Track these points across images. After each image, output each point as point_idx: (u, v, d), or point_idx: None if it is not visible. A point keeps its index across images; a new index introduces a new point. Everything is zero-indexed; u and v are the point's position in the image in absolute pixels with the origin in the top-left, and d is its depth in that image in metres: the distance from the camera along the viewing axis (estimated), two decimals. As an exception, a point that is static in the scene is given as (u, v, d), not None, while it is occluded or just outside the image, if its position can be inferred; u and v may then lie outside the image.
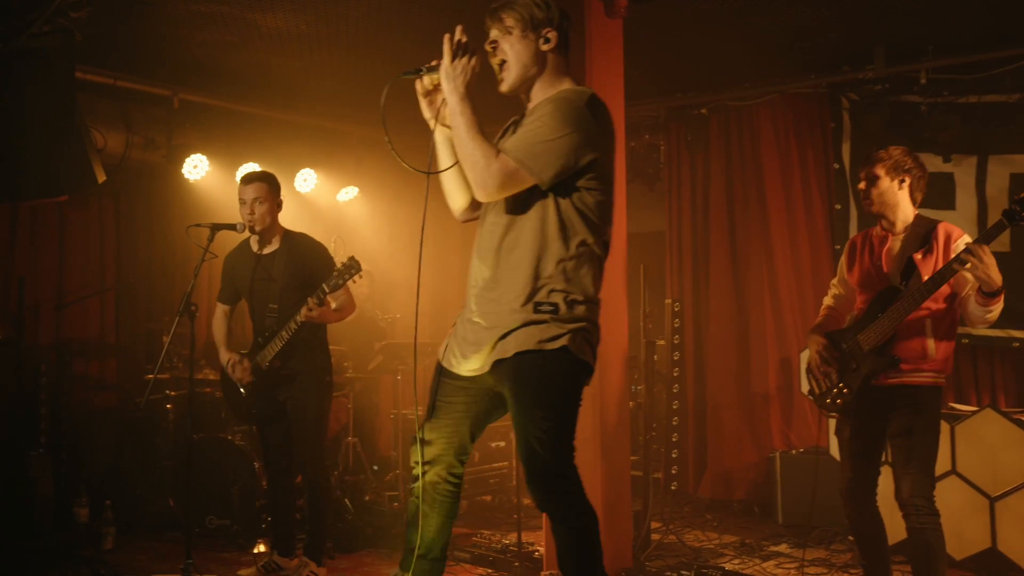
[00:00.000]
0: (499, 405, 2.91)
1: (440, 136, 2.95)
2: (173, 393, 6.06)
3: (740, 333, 6.45)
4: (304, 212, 7.16)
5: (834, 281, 4.10)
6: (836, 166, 6.17)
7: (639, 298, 5.09)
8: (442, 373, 2.95)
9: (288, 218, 6.48)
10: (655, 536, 5.16)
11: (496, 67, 2.88)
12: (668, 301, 5.10)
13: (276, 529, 4.83)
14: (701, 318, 6.66)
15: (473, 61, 2.75)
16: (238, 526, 5.44)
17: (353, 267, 4.31)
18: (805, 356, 5.54)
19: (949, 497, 4.62)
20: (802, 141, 6.33)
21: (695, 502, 6.35)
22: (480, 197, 2.75)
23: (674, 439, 5.07)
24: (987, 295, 3.46)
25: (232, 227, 4.54)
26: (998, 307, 3.51)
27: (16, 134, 4.89)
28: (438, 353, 3.02)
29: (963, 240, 3.64)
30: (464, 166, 2.73)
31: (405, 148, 2.94)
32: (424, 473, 2.94)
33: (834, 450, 5.20)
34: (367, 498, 5.81)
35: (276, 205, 4.62)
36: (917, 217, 3.79)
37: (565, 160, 2.68)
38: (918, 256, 3.69)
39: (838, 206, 6.14)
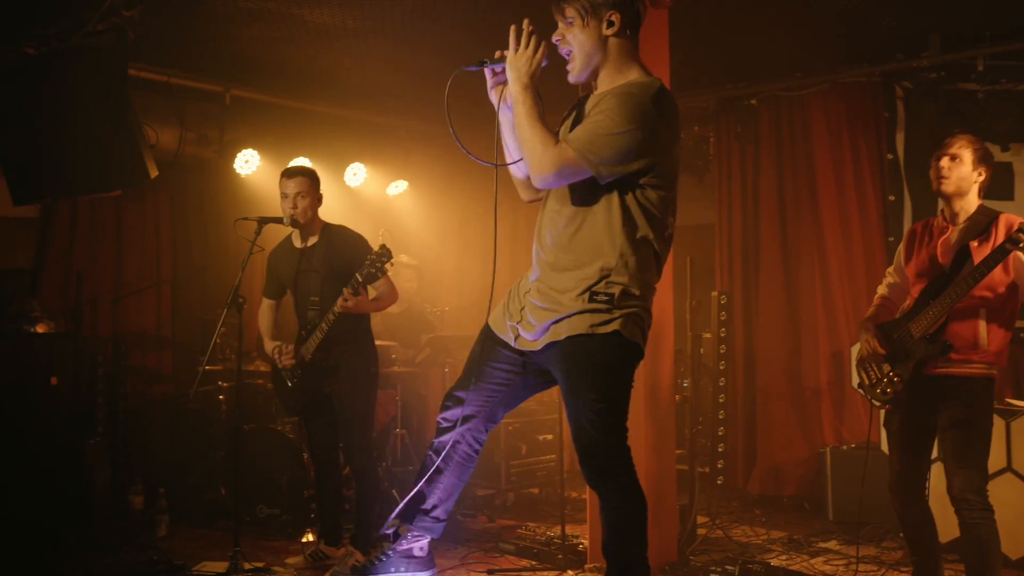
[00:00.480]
0: (540, 385, 2.98)
1: (504, 119, 2.95)
2: (225, 384, 6.16)
3: (791, 326, 6.36)
4: (354, 206, 7.23)
5: (890, 270, 4.04)
6: (890, 156, 6.05)
7: (686, 291, 5.04)
8: (492, 339, 2.96)
9: (338, 212, 6.56)
10: (701, 531, 5.12)
11: (567, 58, 2.89)
12: (715, 294, 5.05)
13: (323, 519, 4.90)
14: (751, 311, 6.58)
15: (539, 53, 2.76)
16: (287, 515, 5.51)
17: (384, 255, 4.33)
18: (856, 349, 5.47)
19: (1005, 495, 4.51)
20: (855, 131, 6.21)
21: (744, 497, 6.28)
22: (536, 183, 2.78)
23: (720, 433, 5.02)
24: None
25: (279, 220, 4.60)
26: None
27: (71, 131, 5.02)
28: (489, 318, 3.04)
29: None
30: (523, 152, 2.77)
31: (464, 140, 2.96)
32: (450, 429, 2.96)
33: (885, 445, 5.13)
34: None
35: (317, 199, 4.68)
36: (979, 208, 3.72)
37: (624, 156, 2.68)
38: (974, 244, 3.62)
39: (892, 197, 6.02)
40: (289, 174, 4.68)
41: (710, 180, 6.90)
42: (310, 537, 5.19)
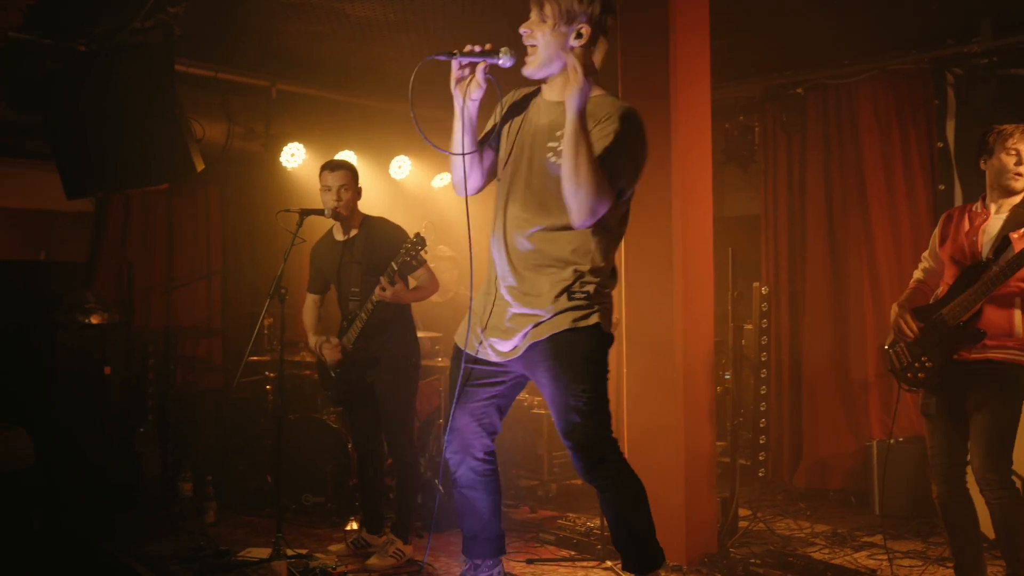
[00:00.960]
0: (521, 387, 3.06)
1: (463, 112, 2.96)
2: (272, 375, 6.26)
3: (838, 318, 6.27)
4: (399, 199, 7.29)
5: (925, 254, 4.02)
6: (940, 145, 5.93)
7: (727, 282, 5.00)
8: (466, 359, 2.98)
9: (383, 205, 6.63)
10: (743, 523, 5.08)
11: (527, 47, 2.90)
12: (756, 284, 5.00)
13: (365, 507, 4.96)
14: (797, 303, 6.50)
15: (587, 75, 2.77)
16: (332, 504, 5.59)
17: (419, 243, 4.37)
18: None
19: None
20: (904, 119, 6.09)
21: (789, 491, 6.21)
22: (580, 223, 2.77)
23: (762, 425, 4.97)
24: None
25: (320, 212, 4.66)
26: None
27: (120, 127, 5.14)
28: (455, 339, 3.08)
29: None
30: (576, 194, 2.71)
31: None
32: (460, 464, 2.98)
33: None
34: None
35: (357, 192, 4.74)
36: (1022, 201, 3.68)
37: (636, 180, 2.85)
38: (1015, 235, 3.60)
39: (942, 187, 5.90)
40: (332, 167, 4.74)
41: (755, 170, 6.82)
42: (353, 525, 5.25)
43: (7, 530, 5.24)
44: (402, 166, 7.23)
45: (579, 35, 2.82)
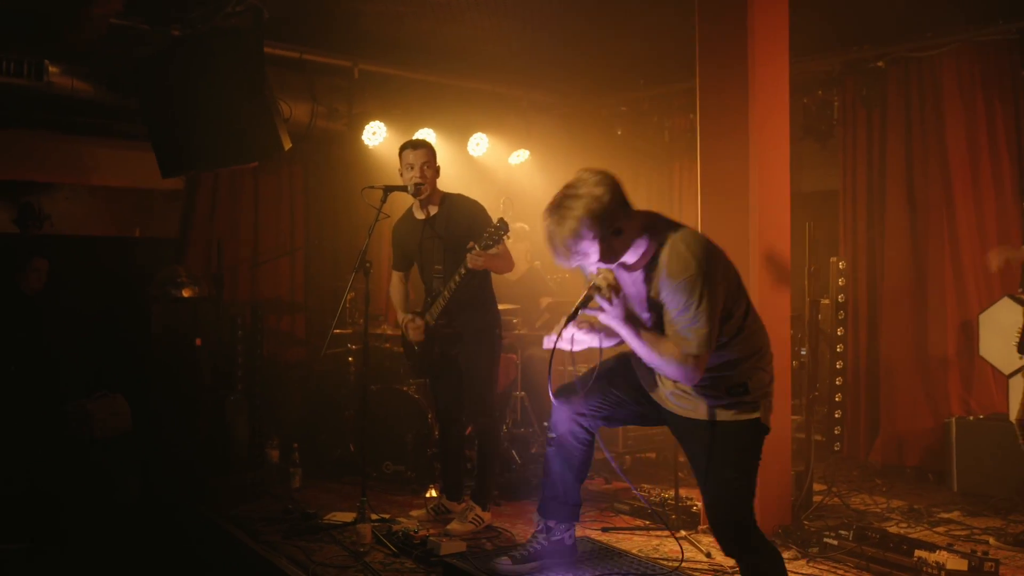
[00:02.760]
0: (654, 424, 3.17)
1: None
2: (354, 347, 6.46)
3: (917, 294, 6.20)
4: (476, 175, 7.42)
5: None
6: (1027, 119, 5.81)
7: (804, 256, 5.01)
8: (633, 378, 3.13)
9: (460, 181, 6.75)
10: (817, 498, 5.10)
11: None
12: (834, 259, 4.99)
13: (445, 475, 5.12)
14: (876, 279, 6.44)
15: (620, 299, 2.87)
16: (412, 472, 5.77)
17: (502, 228, 4.45)
18: (984, 317, 5.33)
19: None
20: (989, 93, 5.97)
21: (866, 467, 6.19)
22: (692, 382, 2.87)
23: (837, 399, 4.98)
24: None
25: (404, 188, 4.80)
26: None
27: (212, 108, 5.35)
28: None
29: None
30: (666, 374, 2.88)
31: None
32: (566, 422, 3.08)
33: (1013, 416, 4.99)
34: (533, 450, 6.01)
35: (437, 170, 4.84)
36: None
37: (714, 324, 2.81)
38: None
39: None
40: (413, 146, 4.85)
41: (833, 146, 6.75)
42: (433, 493, 5.41)
43: (108, 494, 5.55)
44: (480, 143, 7.35)
45: (618, 231, 2.88)
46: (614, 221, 2.80)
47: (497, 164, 7.60)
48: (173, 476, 5.81)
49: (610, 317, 2.84)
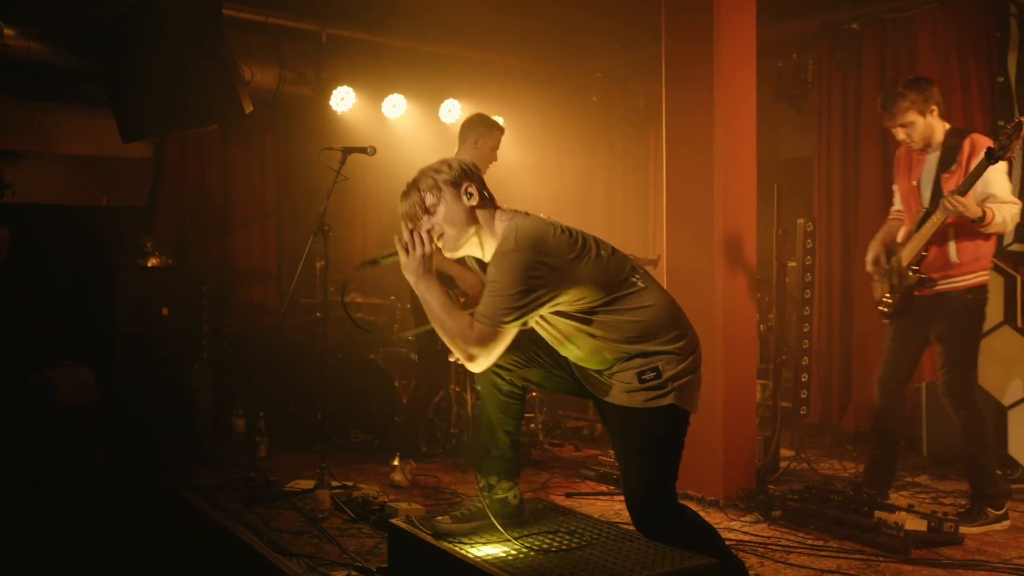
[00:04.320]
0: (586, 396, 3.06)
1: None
2: (320, 315, 6.36)
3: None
4: (447, 143, 7.29)
5: (894, 186, 4.50)
6: (1000, 79, 5.71)
7: (772, 219, 4.94)
8: None
9: (432, 149, 6.67)
10: (785, 463, 5.06)
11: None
12: (800, 221, 4.92)
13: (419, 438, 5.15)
14: (850, 245, 6.37)
15: (425, 248, 2.79)
16: (379, 440, 5.71)
17: None
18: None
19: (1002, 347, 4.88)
20: (963, 54, 5.87)
21: (837, 433, 6.14)
22: (470, 368, 2.79)
23: (804, 363, 4.92)
24: (974, 222, 3.90)
25: (363, 150, 4.72)
26: (992, 227, 3.94)
27: (170, 70, 5.25)
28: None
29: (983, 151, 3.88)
30: (448, 343, 2.78)
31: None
32: (489, 374, 3.01)
33: (983, 380, 4.97)
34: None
35: None
36: (948, 133, 4.14)
37: (524, 308, 2.68)
38: (945, 175, 4.07)
39: (1001, 122, 5.69)
40: (499, 128, 5.10)
41: (808, 109, 6.66)
42: (396, 462, 5.35)
43: (72, 462, 5.48)
44: (452, 110, 7.24)
45: (469, 194, 2.84)
46: (463, 183, 2.82)
47: (470, 131, 7.49)
48: (137, 446, 5.75)
49: (406, 269, 2.79)
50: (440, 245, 2.87)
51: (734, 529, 4.11)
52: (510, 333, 2.73)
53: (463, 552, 2.76)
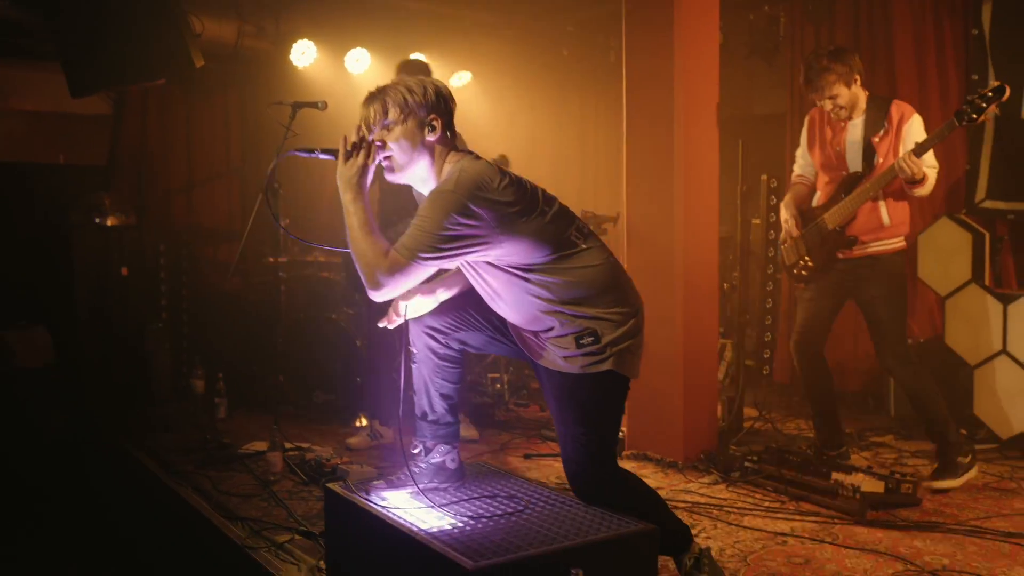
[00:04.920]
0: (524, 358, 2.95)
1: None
2: (285, 275, 6.26)
3: (862, 218, 6.03)
4: (414, 98, 7.14)
5: (798, 152, 4.45)
6: (975, 32, 5.56)
7: (736, 176, 4.83)
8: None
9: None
10: (748, 423, 5.00)
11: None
12: (764, 177, 4.81)
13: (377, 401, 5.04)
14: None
15: (368, 159, 2.66)
16: (342, 401, 5.63)
17: None
18: (923, 238, 5.18)
19: (1000, 377, 4.70)
20: (938, 5, 5.72)
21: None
22: (373, 296, 2.65)
23: (767, 322, 4.84)
24: (912, 183, 3.93)
25: (314, 105, 4.58)
26: (924, 188, 3.97)
27: (117, 23, 5.08)
28: None
29: (914, 121, 4.03)
30: (358, 266, 2.64)
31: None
32: (421, 337, 2.91)
33: (950, 340, 4.91)
34: (468, 378, 5.89)
35: None
36: (869, 99, 4.14)
37: (446, 251, 2.57)
38: (875, 139, 4.07)
39: (975, 76, 5.56)
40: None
41: (781, 63, 6.52)
42: (363, 421, 5.28)
43: (30, 424, 5.40)
44: (419, 65, 7.06)
45: (432, 127, 2.70)
46: (431, 114, 2.69)
47: (437, 86, 7.32)
48: (95, 408, 5.66)
49: (340, 175, 2.65)
50: (383, 165, 2.75)
51: (691, 491, 4.04)
52: (424, 271, 2.62)
53: (394, 518, 2.67)
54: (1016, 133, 5.12)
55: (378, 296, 2.63)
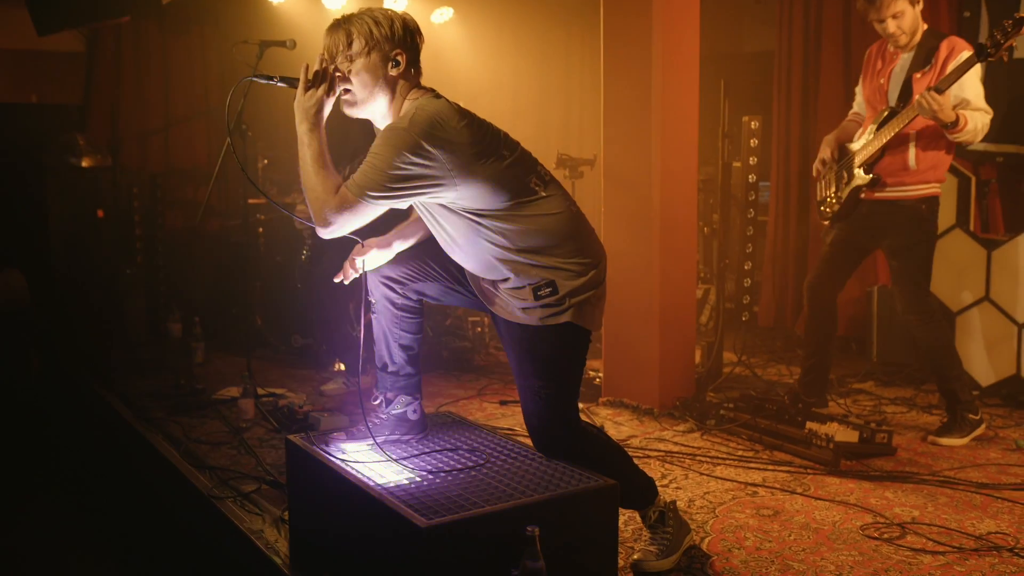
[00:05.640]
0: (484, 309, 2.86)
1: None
2: (263, 217, 6.16)
3: (849, 159, 5.92)
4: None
5: (857, 88, 4.23)
6: (968, -33, 5.41)
7: (719, 117, 4.71)
8: None
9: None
10: (727, 368, 4.95)
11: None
12: (746, 119, 4.69)
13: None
14: (809, 146, 6.13)
15: (327, 92, 2.51)
16: (322, 345, 5.57)
17: None
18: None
19: (982, 324, 4.68)
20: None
21: (791, 338, 6.03)
22: (321, 233, 2.53)
23: (746, 268, 4.76)
24: (946, 126, 3.63)
25: (282, 44, 4.44)
26: (963, 135, 3.66)
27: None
28: None
29: (964, 55, 3.64)
30: (307, 200, 2.52)
31: None
32: (379, 286, 2.84)
33: (932, 286, 4.83)
34: (448, 322, 5.83)
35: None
36: (925, 33, 3.85)
37: (397, 191, 2.45)
38: (917, 75, 3.78)
39: (967, 14, 5.40)
40: None
41: (770, 0, 6.35)
42: (341, 366, 5.24)
43: (8, 369, 5.34)
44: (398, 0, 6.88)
45: (396, 62, 2.56)
46: (396, 48, 2.55)
47: (418, 22, 7.11)
48: (71, 353, 5.60)
49: (298, 105, 2.52)
50: (343, 99, 2.65)
51: (665, 439, 4.01)
52: (374, 210, 2.51)
53: (351, 473, 2.62)
54: (1009, 74, 4.99)
55: (326, 233, 2.53)
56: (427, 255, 2.80)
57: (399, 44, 2.57)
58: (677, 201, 4.36)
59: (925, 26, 3.86)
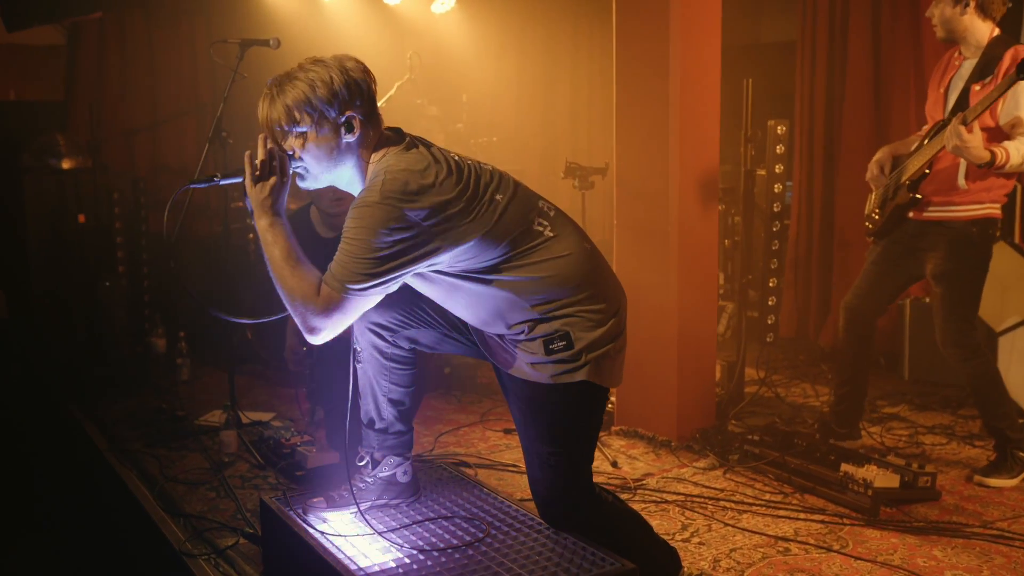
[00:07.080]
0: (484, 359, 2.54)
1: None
2: (252, 222, 5.81)
3: (878, 160, 5.53)
4: (391, 26, 6.59)
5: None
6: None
7: (741, 119, 4.33)
8: None
9: (374, 33, 5.97)
10: (752, 388, 4.60)
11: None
12: (771, 122, 4.31)
13: None
14: (833, 146, 5.75)
15: (282, 177, 2.21)
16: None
17: None
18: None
19: None
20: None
21: (813, 350, 5.67)
22: (309, 339, 2.18)
23: (771, 285, 4.39)
24: (979, 166, 3.26)
25: (265, 43, 4.09)
26: (1010, 168, 3.26)
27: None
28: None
29: None
30: (285, 303, 2.18)
31: None
32: (364, 334, 2.50)
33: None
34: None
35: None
36: (994, 39, 3.43)
37: (384, 275, 2.14)
38: (976, 87, 3.40)
39: (1009, 4, 5.01)
40: None
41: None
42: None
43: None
44: (392, -9, 6.51)
45: (350, 126, 2.23)
46: (345, 110, 2.21)
47: (417, 13, 6.73)
48: (49, 369, 5.28)
49: (252, 199, 2.21)
50: (297, 172, 2.28)
51: (684, 479, 3.65)
52: (365, 303, 2.17)
53: (331, 550, 2.29)
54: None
55: (317, 340, 2.18)
56: (420, 298, 2.44)
57: (346, 104, 2.21)
58: (696, 211, 3.98)
59: (997, 31, 3.45)
